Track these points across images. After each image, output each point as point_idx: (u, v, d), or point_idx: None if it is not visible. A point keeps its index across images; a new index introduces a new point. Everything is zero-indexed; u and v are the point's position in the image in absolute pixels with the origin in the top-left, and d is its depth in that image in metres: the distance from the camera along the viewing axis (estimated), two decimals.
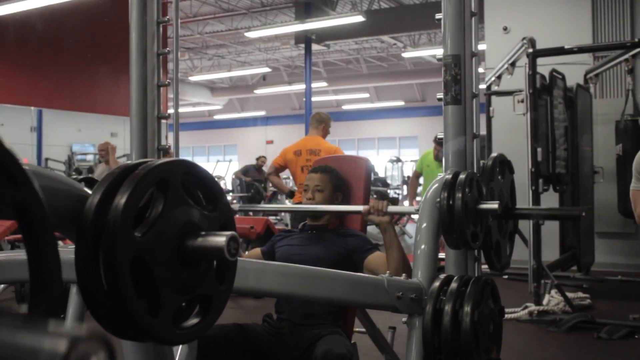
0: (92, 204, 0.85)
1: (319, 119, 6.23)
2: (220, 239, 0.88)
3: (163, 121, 3.12)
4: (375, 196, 12.86)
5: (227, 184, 16.84)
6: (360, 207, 2.73)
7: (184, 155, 28.98)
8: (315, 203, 2.94)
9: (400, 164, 20.49)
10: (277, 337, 2.70)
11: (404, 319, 2.05)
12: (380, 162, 21.02)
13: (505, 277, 7.28)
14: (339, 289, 1.95)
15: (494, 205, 2.08)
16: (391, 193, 16.56)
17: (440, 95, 2.39)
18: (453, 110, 2.33)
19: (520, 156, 5.43)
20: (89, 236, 0.83)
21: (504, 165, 2.54)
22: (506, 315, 5.26)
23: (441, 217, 2.02)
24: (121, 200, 0.84)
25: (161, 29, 3.09)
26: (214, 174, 16.80)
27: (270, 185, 11.57)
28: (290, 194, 6.56)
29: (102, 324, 0.87)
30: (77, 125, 17.57)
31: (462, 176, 2.05)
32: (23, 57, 11.47)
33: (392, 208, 2.68)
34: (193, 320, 0.93)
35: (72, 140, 17.86)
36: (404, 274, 2.07)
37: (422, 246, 2.10)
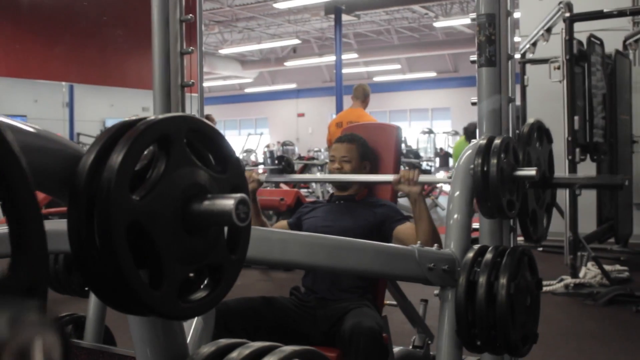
0: (85, 163, 0.76)
1: (364, 91, 6.14)
2: (228, 201, 0.79)
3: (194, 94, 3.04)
4: (407, 167, 12.71)
5: (257, 157, 16.79)
6: (390, 177, 2.63)
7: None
8: (342, 173, 2.84)
9: (432, 135, 20.26)
10: (305, 310, 2.62)
11: (436, 292, 1.96)
12: (413, 134, 20.82)
13: (541, 249, 7.12)
14: (367, 259, 1.86)
15: (531, 171, 1.96)
16: (424, 165, 16.38)
17: (474, 57, 2.26)
18: (487, 72, 2.20)
19: (556, 125, 5.24)
20: (81, 199, 0.75)
21: (541, 132, 2.41)
22: (543, 289, 5.15)
23: (475, 184, 1.91)
24: (117, 159, 0.75)
25: None
26: (245, 148, 16.80)
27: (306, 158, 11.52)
28: None
29: (100, 297, 0.79)
30: (110, 100, 17.61)
31: (497, 141, 1.93)
32: (54, 32, 11.50)
33: (423, 177, 2.58)
34: (201, 293, 0.84)
35: (105, 115, 17.89)
36: (435, 245, 1.97)
37: (455, 215, 1.99)
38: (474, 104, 2.29)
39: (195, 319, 1.48)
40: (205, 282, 0.86)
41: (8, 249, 0.53)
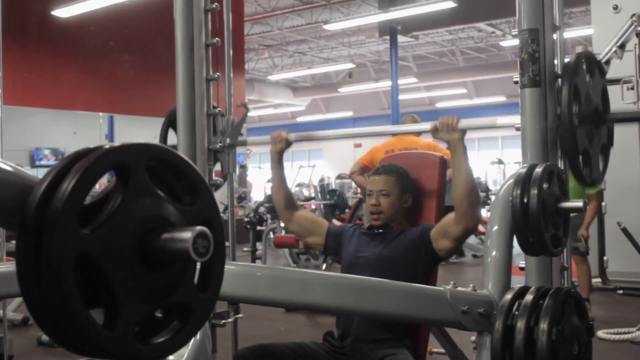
0: (36, 193, 0.78)
1: (414, 119, 6.20)
2: (186, 234, 0.80)
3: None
4: None
5: (311, 191, 16.79)
6: (427, 125, 2.62)
7: (267, 162, 29.24)
8: (381, 210, 2.81)
9: (502, 166, 19.98)
10: (337, 358, 2.61)
11: (473, 338, 1.92)
12: (481, 164, 20.60)
13: (620, 292, 6.92)
14: (392, 301, 1.85)
15: (577, 203, 1.92)
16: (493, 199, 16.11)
17: (517, 77, 2.25)
18: (531, 93, 2.18)
19: (631, 151, 5.15)
20: (30, 231, 0.76)
21: (592, 63, 2.34)
22: (620, 336, 4.99)
23: (513, 218, 1.88)
24: (67, 188, 0.77)
25: (210, 16, 3.07)
26: (296, 181, 16.82)
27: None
28: None
29: (52, 337, 0.80)
30: (155, 132, 18.01)
31: (538, 169, 1.90)
32: (92, 64, 11.97)
33: (464, 123, 2.55)
34: (166, 334, 0.85)
35: None
36: (471, 285, 1.93)
37: (493, 253, 1.96)
38: (517, 129, 2.27)
39: None
40: (174, 323, 0.87)
41: None
